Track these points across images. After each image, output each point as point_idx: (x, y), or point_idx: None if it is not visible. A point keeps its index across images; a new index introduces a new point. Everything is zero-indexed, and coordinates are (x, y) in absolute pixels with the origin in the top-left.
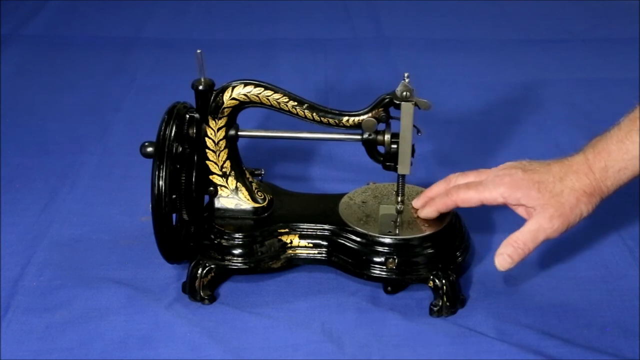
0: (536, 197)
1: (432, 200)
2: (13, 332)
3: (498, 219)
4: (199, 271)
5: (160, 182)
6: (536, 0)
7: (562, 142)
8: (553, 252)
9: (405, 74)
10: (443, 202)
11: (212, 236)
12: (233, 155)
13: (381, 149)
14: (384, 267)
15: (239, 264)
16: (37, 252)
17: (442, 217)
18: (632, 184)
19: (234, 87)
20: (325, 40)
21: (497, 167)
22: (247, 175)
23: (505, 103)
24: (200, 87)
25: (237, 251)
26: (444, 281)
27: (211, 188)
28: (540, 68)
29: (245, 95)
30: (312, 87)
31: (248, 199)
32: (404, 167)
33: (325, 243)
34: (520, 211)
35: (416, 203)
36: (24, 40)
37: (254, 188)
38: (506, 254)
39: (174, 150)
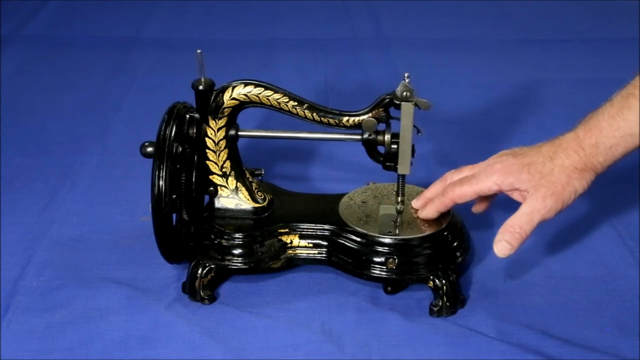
0: (527, 179)
1: (431, 202)
2: (13, 332)
3: (498, 218)
4: (199, 271)
5: (160, 182)
6: (536, 0)
7: None
8: (553, 252)
9: (405, 74)
10: (440, 201)
11: (212, 236)
12: (233, 155)
13: (381, 149)
14: (384, 267)
15: (239, 264)
16: (37, 252)
17: (442, 217)
18: (632, 184)
19: (234, 87)
20: (325, 40)
21: (489, 158)
22: (247, 175)
23: (505, 103)
24: (200, 87)
25: (237, 251)
26: (444, 281)
27: (211, 188)
28: (540, 68)
29: (245, 95)
30: (312, 87)
31: (248, 199)
32: (404, 167)
33: (325, 243)
34: (516, 196)
35: (415, 204)
36: (24, 40)
37: (254, 188)
38: (504, 240)
39: (174, 150)
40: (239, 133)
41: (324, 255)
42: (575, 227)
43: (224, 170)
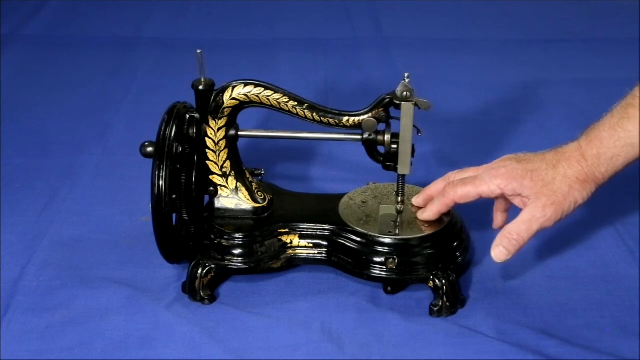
0: (529, 186)
1: (431, 203)
2: (13, 332)
3: None
4: (199, 271)
5: (160, 182)
6: (536, 0)
7: (562, 142)
8: (553, 252)
9: (405, 74)
10: (441, 202)
11: (212, 236)
12: (233, 155)
13: (381, 149)
14: (384, 267)
15: (239, 264)
16: (37, 252)
17: (442, 217)
18: (632, 184)
19: (234, 87)
20: (325, 40)
21: (492, 162)
22: (247, 175)
23: (505, 103)
24: (200, 87)
25: (237, 251)
26: (444, 281)
27: (211, 188)
28: (540, 68)
29: (245, 95)
30: (312, 87)
31: (248, 199)
32: (404, 167)
33: (325, 243)
34: (517, 202)
35: (416, 201)
36: (24, 40)
37: (254, 188)
38: (502, 245)
39: (174, 150)
40: (239, 133)
41: (324, 255)
42: (575, 227)
43: (224, 170)
